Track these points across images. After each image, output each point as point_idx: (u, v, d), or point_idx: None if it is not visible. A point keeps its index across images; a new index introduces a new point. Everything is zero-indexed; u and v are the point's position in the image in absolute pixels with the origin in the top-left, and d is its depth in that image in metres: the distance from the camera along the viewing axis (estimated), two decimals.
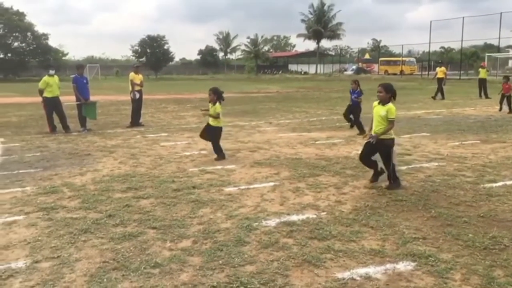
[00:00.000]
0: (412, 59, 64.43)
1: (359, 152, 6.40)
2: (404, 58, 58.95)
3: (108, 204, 5.43)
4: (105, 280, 3.49)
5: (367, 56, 77.16)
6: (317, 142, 9.83)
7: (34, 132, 11.91)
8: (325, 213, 5.06)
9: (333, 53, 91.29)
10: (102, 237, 4.36)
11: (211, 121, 8.15)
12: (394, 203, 5.36)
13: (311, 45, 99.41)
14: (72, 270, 3.68)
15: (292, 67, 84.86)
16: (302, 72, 74.64)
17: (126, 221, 4.81)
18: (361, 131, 10.45)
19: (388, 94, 5.80)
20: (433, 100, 20.52)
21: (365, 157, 6.12)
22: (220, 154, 8.06)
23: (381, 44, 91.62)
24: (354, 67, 70.65)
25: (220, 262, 3.79)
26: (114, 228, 4.62)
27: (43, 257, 3.92)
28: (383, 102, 5.84)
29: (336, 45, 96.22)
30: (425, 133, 10.94)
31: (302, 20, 73.66)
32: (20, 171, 7.25)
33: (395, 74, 55.83)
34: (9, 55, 62.03)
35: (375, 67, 65.59)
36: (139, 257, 3.89)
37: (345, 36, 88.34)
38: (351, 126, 11.70)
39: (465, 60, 55.96)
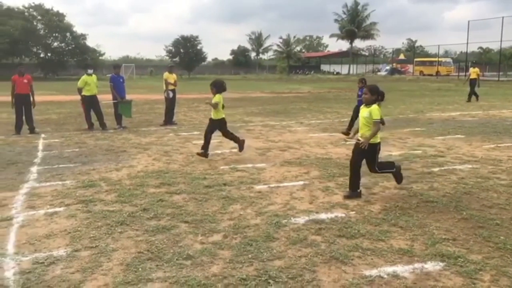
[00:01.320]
0: (449, 59, 62.83)
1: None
2: (440, 59, 57.56)
3: (142, 198, 5.63)
4: (140, 269, 3.66)
5: (401, 56, 75.81)
6: (347, 143, 9.80)
7: (72, 129, 12.39)
8: (354, 212, 5.09)
9: (367, 54, 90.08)
10: (137, 229, 4.55)
11: (213, 114, 8.04)
12: (425, 204, 5.34)
13: (344, 45, 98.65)
14: (109, 259, 3.87)
15: (325, 67, 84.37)
16: (335, 73, 74.13)
17: (160, 214, 4.99)
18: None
19: (373, 96, 5.57)
20: (469, 103, 20.00)
21: (356, 164, 5.71)
22: (205, 151, 7.95)
23: (417, 44, 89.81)
24: (387, 67, 69.57)
25: (250, 256, 3.90)
26: (149, 221, 4.80)
27: (82, 246, 4.13)
28: (367, 104, 5.64)
29: (370, 45, 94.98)
30: (460, 135, 10.73)
31: (335, 20, 73.26)
32: (60, 166, 7.58)
33: (430, 75, 54.65)
34: (49, 54, 64.32)
35: (410, 67, 64.34)
36: (172, 249, 4.05)
37: (379, 36, 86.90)
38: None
39: (504, 61, 54.18)
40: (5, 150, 9.08)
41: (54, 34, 63.58)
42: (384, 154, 8.40)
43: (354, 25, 70.18)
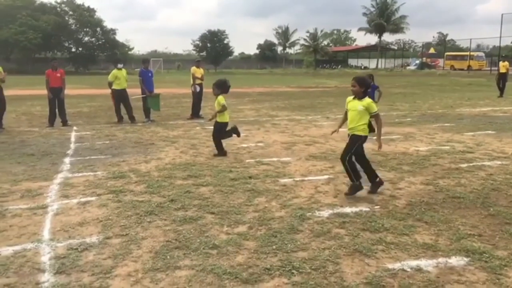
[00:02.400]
0: (481, 54, 61.16)
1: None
2: (472, 53, 56.07)
3: (170, 189, 5.79)
4: (168, 257, 3.80)
5: (431, 50, 74.12)
6: (374, 138, 9.74)
7: (103, 121, 12.73)
8: (378, 207, 5.10)
9: (396, 48, 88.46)
10: (165, 219, 4.70)
11: (218, 118, 7.94)
12: (451, 200, 5.30)
13: (372, 39, 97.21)
14: (139, 246, 4.03)
15: (352, 61, 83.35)
16: (362, 67, 73.17)
17: (187, 205, 5.13)
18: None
19: (362, 88, 5.42)
20: (501, 98, 19.48)
21: (361, 158, 5.63)
22: (221, 151, 7.90)
23: (448, 38, 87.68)
24: (417, 62, 68.20)
25: (274, 247, 3.98)
26: (176, 211, 4.95)
27: (113, 234, 4.31)
28: (358, 96, 5.46)
29: (399, 39, 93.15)
30: (490, 131, 10.51)
31: (364, 14, 72.16)
32: (92, 157, 7.84)
33: (462, 69, 53.35)
34: (80, 49, 65.88)
35: (440, 62, 62.93)
36: (199, 239, 4.17)
37: (409, 29, 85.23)
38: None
39: None
40: (40, 142, 9.43)
41: (85, 29, 65.06)
42: (412, 149, 8.35)
43: (383, 18, 68.96)
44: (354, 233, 4.29)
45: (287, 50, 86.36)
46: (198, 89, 13.38)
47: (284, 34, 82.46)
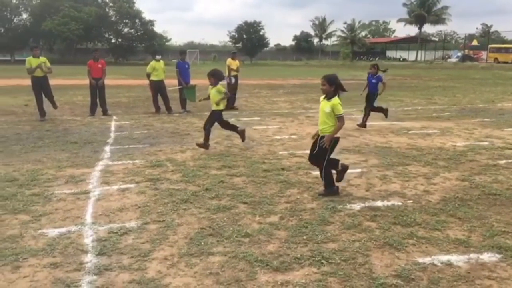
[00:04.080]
0: None
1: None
2: None
3: (205, 179, 5.96)
4: (202, 243, 3.96)
5: (474, 42, 71.55)
6: (410, 132, 9.64)
7: (141, 112, 13.10)
8: (411, 201, 5.09)
9: (437, 39, 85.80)
10: (200, 207, 4.87)
11: (214, 106, 7.81)
12: (487, 197, 5.22)
13: (412, 30, 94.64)
14: (174, 232, 4.21)
15: (391, 53, 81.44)
16: (401, 59, 71.46)
17: (221, 195, 5.29)
18: (382, 110, 10.35)
19: (331, 86, 5.17)
20: None
21: (312, 158, 5.54)
22: (206, 142, 7.73)
23: (492, 29, 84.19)
24: (459, 54, 66.01)
25: (304, 237, 4.08)
26: (210, 200, 5.11)
27: (151, 220, 4.51)
28: (328, 96, 5.23)
29: (441, 31, 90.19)
30: None
31: (404, 4, 70.35)
32: (130, 146, 8.13)
33: (506, 62, 51.23)
34: (119, 40, 67.37)
35: (483, 54, 60.65)
36: (232, 227, 4.31)
37: (451, 20, 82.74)
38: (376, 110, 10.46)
39: None
40: (82, 130, 9.84)
41: (124, 21, 66.44)
42: (448, 144, 8.20)
43: (424, 9, 66.99)
44: (385, 227, 4.32)
45: (324, 41, 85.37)
46: (233, 80, 13.54)
47: (321, 25, 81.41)
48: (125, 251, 3.82)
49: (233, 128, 8.06)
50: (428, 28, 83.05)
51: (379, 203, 5.01)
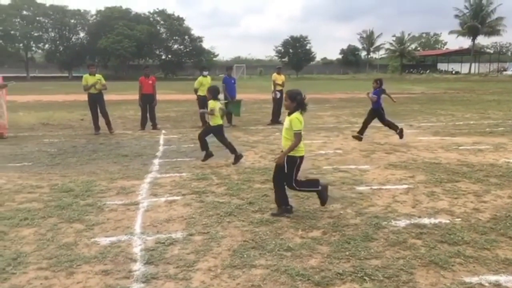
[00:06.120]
0: None
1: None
2: None
3: (249, 192, 6.06)
4: (245, 255, 4.04)
5: None
6: (460, 148, 9.33)
7: (188, 126, 13.47)
8: (459, 219, 4.94)
9: (491, 51, 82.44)
10: (243, 220, 4.96)
11: (211, 121, 8.03)
12: None
13: (465, 42, 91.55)
14: (218, 244, 4.32)
15: (442, 66, 79.10)
16: (453, 72, 69.21)
17: (264, 208, 5.36)
18: (394, 127, 9.94)
19: (293, 102, 5.01)
20: None
21: (277, 179, 5.22)
22: (207, 154, 7.96)
23: None
24: None
25: (347, 253, 4.06)
26: (254, 213, 5.19)
27: (196, 232, 4.65)
28: (289, 111, 5.09)
29: (496, 42, 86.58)
30: None
31: (456, 16, 68.42)
32: (178, 159, 8.39)
33: None
34: (169, 56, 69.79)
35: None
36: (274, 240, 4.37)
37: (506, 32, 79.21)
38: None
39: None
40: (132, 144, 10.26)
41: (174, 37, 68.86)
42: (502, 161, 7.88)
43: (477, 20, 64.78)
44: (431, 245, 4.23)
45: (371, 54, 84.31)
46: (278, 95, 13.66)
47: (369, 38, 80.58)
48: (171, 261, 3.96)
49: (231, 147, 8.10)
50: (482, 40, 79.87)
51: (425, 221, 4.90)
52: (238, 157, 7.99)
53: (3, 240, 4.45)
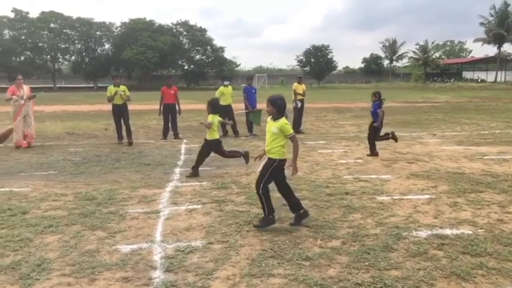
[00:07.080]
0: None
1: None
2: None
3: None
4: (263, 264, 4.05)
5: None
6: (485, 157, 9.14)
7: None
8: (483, 230, 4.84)
9: None
10: (262, 229, 4.97)
11: (208, 135, 8.11)
12: None
13: (490, 50, 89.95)
14: (237, 253, 4.34)
15: (467, 74, 77.71)
16: (479, 80, 67.97)
17: (283, 218, 5.36)
18: (372, 152, 9.40)
19: (274, 108, 5.05)
20: None
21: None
22: (195, 171, 7.79)
23: None
24: None
25: (366, 263, 4.03)
26: None
27: (215, 240, 4.68)
28: (274, 117, 5.10)
29: None
30: None
31: (481, 24, 67.32)
32: (199, 168, 8.45)
33: None
34: (192, 66, 70.74)
35: None
36: (293, 250, 4.36)
37: None
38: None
39: None
40: (154, 153, 10.42)
41: (196, 48, 69.82)
42: None
43: (503, 28, 63.60)
44: (452, 256, 4.15)
45: (394, 63, 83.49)
46: (299, 104, 13.68)
47: (391, 47, 79.86)
48: (190, 269, 4.00)
49: (233, 154, 8.37)
50: (508, 47, 78.45)
51: (447, 231, 4.82)
52: (246, 157, 8.24)
53: (28, 246, 4.57)
